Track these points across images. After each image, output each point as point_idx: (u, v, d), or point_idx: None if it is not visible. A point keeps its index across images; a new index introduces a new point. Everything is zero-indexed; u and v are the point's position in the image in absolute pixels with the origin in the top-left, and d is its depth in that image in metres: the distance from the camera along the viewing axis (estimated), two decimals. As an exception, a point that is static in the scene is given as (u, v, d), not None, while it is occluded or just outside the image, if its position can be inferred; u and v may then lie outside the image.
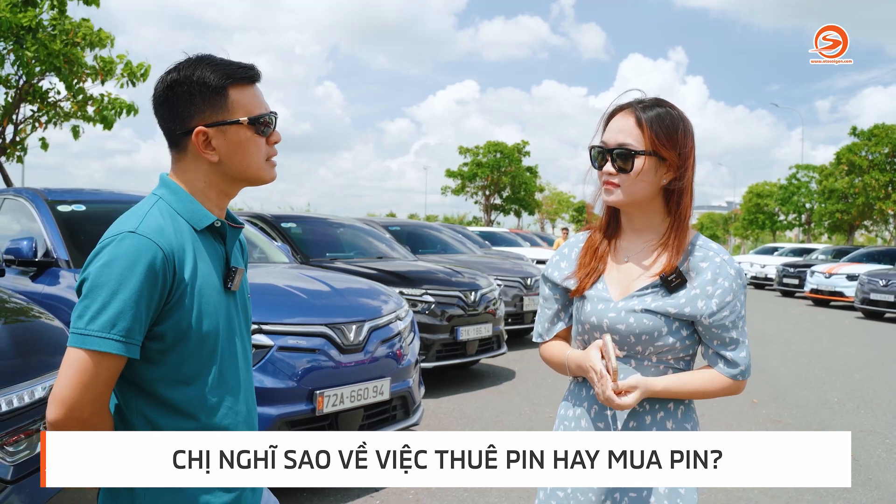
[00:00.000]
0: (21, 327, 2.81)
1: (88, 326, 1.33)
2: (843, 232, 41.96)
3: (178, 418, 1.43)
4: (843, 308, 18.86)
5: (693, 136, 1.77)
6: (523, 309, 9.69)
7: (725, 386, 1.79)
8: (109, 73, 13.07)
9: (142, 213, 1.44)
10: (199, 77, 1.46)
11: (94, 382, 1.34)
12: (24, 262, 4.62)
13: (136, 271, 1.34)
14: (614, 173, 1.74)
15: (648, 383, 1.71)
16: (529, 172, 52.38)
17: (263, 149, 1.52)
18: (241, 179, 1.53)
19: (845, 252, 22.90)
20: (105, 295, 1.33)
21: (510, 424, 5.93)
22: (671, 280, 1.73)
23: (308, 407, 3.91)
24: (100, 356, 1.33)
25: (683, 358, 1.80)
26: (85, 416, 1.36)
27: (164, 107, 1.50)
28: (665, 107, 1.75)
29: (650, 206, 1.78)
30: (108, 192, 5.95)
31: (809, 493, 4.55)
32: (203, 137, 1.47)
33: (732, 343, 1.76)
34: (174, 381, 1.43)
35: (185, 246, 1.44)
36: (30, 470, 2.19)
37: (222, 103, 1.47)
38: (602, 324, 1.78)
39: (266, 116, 1.51)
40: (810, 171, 45.62)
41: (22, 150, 14.02)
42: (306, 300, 4.43)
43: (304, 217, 8.93)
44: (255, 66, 1.53)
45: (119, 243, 1.36)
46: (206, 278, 1.47)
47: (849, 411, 6.88)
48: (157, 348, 1.41)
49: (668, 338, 1.73)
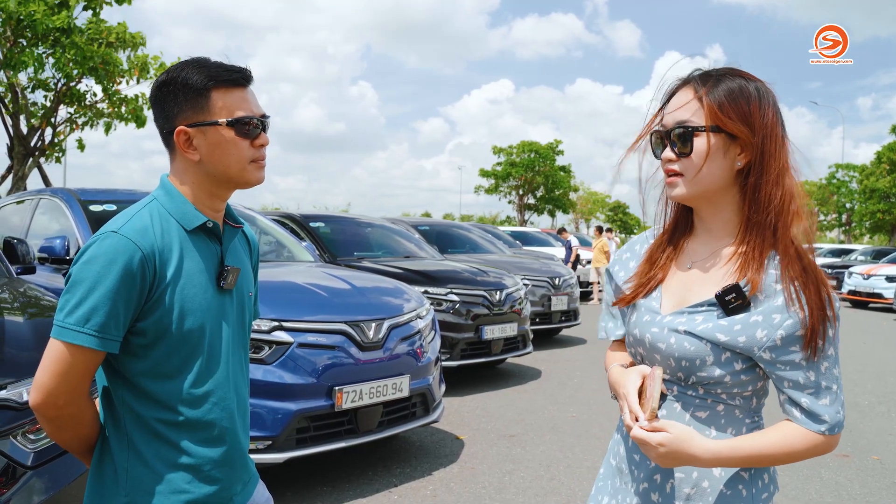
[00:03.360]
0: (45, 322, 2.92)
1: (66, 319, 1.39)
2: (884, 232, 41.14)
3: (159, 410, 1.49)
4: (882, 310, 18.49)
5: (776, 109, 1.44)
6: (551, 309, 9.69)
7: (812, 444, 1.39)
8: (143, 71, 13.36)
9: (130, 214, 1.50)
10: (183, 78, 1.51)
11: (69, 373, 1.40)
12: (56, 259, 4.78)
13: (112, 270, 1.39)
14: (674, 159, 1.45)
15: (690, 445, 1.35)
16: (563, 172, 52.15)
17: (247, 151, 1.54)
18: (223, 180, 1.56)
19: (885, 253, 22.45)
20: (82, 291, 1.39)
21: (532, 424, 5.95)
22: (729, 300, 1.39)
23: (327, 402, 3.98)
24: (74, 348, 1.39)
25: (740, 394, 1.44)
26: (61, 404, 1.43)
27: (155, 107, 1.57)
28: (735, 76, 1.44)
29: (724, 201, 1.47)
30: (140, 192, 6.09)
31: (830, 496, 4.51)
32: (185, 137, 1.52)
33: (811, 387, 1.37)
34: (157, 375, 1.48)
35: (172, 246, 1.49)
36: (50, 456, 2.29)
37: (203, 104, 1.51)
38: (644, 339, 1.51)
39: (249, 119, 1.53)
40: (850, 171, 44.79)
41: (60, 151, 14.39)
42: (327, 298, 4.50)
43: (333, 217, 9.03)
44: (245, 69, 1.56)
45: (101, 243, 1.43)
46: (193, 277, 1.51)
47: (879, 415, 6.77)
48: (140, 343, 1.47)
49: (713, 369, 1.40)
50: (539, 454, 5.13)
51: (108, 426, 1.52)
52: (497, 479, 4.55)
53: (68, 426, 1.49)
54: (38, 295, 3.42)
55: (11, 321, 2.80)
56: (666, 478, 1.47)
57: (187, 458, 1.51)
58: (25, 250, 4.19)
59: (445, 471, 4.68)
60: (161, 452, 1.49)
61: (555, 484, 4.52)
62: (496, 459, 4.96)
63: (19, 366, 2.46)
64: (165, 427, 1.49)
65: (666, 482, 1.47)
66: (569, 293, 10.04)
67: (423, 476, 4.55)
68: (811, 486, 4.64)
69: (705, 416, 1.45)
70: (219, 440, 1.55)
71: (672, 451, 1.34)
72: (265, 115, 1.59)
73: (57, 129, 14.14)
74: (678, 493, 1.45)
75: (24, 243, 4.24)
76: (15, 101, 14.35)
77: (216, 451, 1.55)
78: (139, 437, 1.48)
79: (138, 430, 1.49)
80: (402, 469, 4.67)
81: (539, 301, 9.50)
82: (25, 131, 14.68)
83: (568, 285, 10.10)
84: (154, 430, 1.49)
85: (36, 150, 14.46)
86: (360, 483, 4.36)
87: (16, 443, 2.25)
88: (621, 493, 1.58)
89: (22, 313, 2.96)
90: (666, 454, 1.35)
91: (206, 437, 1.53)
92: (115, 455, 1.49)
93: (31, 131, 14.39)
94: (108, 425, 1.52)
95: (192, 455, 1.51)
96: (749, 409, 1.46)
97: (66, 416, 1.46)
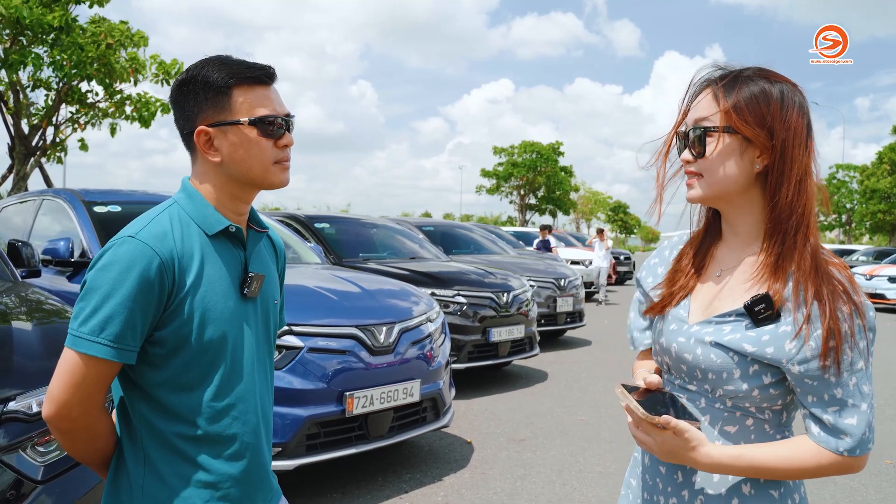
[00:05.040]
0: (54, 329, 2.85)
1: (80, 328, 1.32)
2: (884, 233, 41.12)
3: (178, 423, 1.42)
4: (885, 311, 18.44)
5: (802, 111, 1.38)
6: (556, 310, 9.63)
7: (827, 463, 1.31)
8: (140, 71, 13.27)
9: (149, 218, 1.43)
10: (203, 76, 1.44)
11: (83, 384, 1.34)
12: (60, 262, 4.69)
13: (129, 277, 1.33)
14: (692, 160, 1.41)
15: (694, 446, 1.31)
16: (564, 172, 52.14)
17: (270, 151, 1.47)
18: (246, 182, 1.49)
19: (887, 253, 22.40)
20: (98, 299, 1.32)
21: (541, 427, 5.89)
22: (759, 311, 1.33)
23: (338, 408, 3.91)
24: (88, 359, 1.32)
25: (770, 408, 1.38)
26: (74, 416, 1.36)
27: (176, 106, 1.50)
28: (760, 77, 1.39)
29: (745, 203, 1.42)
30: (143, 192, 6.01)
31: (846, 501, 4.44)
32: (205, 137, 1.45)
33: (836, 403, 1.29)
34: (176, 387, 1.41)
35: (193, 252, 1.42)
36: (60, 470, 2.21)
37: (225, 103, 1.44)
38: (671, 348, 1.46)
39: (273, 118, 1.46)
40: (851, 171, 44.76)
41: (62, 151, 14.30)
42: (336, 301, 4.43)
43: (338, 217, 8.96)
44: (268, 66, 1.49)
45: (117, 248, 1.36)
46: (215, 284, 1.44)
47: (889, 417, 6.71)
48: (159, 353, 1.40)
49: (740, 383, 1.35)
50: (550, 459, 5.06)
51: (124, 440, 1.45)
52: (509, 485, 4.48)
53: (82, 439, 1.42)
54: (45, 300, 3.34)
55: (19, 329, 2.72)
56: (695, 495, 1.42)
57: (206, 474, 1.44)
58: (30, 253, 4.11)
59: (456, 476, 4.61)
60: (178, 468, 1.42)
61: (567, 490, 4.46)
62: (507, 464, 4.89)
63: (28, 376, 2.38)
64: (184, 442, 1.42)
65: (695, 499, 1.42)
66: (574, 294, 9.98)
67: (433, 482, 4.48)
68: (826, 492, 4.58)
69: (734, 430, 1.39)
70: (240, 456, 1.48)
71: (671, 451, 1.32)
72: (290, 114, 1.52)
73: (59, 128, 14.08)
74: None
75: (28, 246, 4.16)
76: (16, 100, 14.30)
77: (237, 468, 1.48)
78: (156, 451, 1.42)
79: (155, 445, 1.42)
80: (412, 475, 4.60)
81: (544, 302, 9.44)
82: (27, 131, 14.62)
83: (573, 286, 10.04)
84: (172, 444, 1.42)
85: (37, 149, 14.40)
86: (371, 489, 4.29)
87: (25, 456, 2.17)
88: (646, 490, 1.53)
89: (29, 320, 2.89)
90: (667, 453, 1.33)
91: (226, 453, 1.46)
92: (130, 470, 1.42)
93: (33, 131, 14.33)
94: (124, 439, 1.45)
95: (211, 472, 1.44)
96: (779, 424, 1.40)
97: (81, 429, 1.40)
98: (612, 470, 4.85)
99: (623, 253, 24.97)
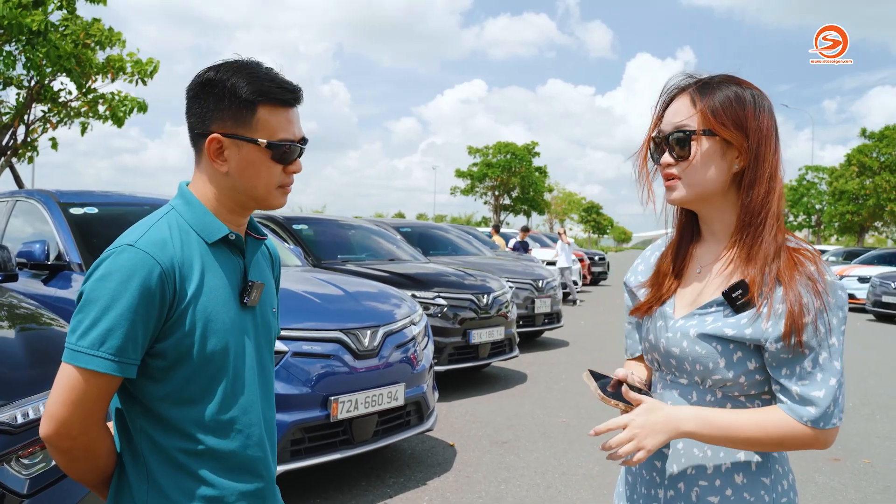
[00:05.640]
0: (35, 336, 2.77)
1: (79, 342, 1.28)
2: (853, 233, 41.80)
3: (180, 439, 1.38)
4: (855, 311, 18.72)
5: (770, 115, 1.46)
6: (534, 311, 9.64)
7: (792, 432, 1.37)
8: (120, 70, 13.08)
9: (147, 225, 1.39)
10: (232, 84, 1.40)
11: (83, 400, 1.29)
12: (36, 265, 4.59)
13: (129, 287, 1.28)
14: (672, 163, 1.47)
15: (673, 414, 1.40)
16: (539, 173, 52.33)
17: (277, 176, 1.45)
18: (247, 198, 1.46)
19: (856, 254, 22.76)
20: (97, 311, 1.28)
21: (523, 429, 5.88)
22: (736, 297, 1.41)
23: (322, 413, 3.87)
24: (88, 374, 1.28)
25: (759, 395, 1.45)
26: (75, 434, 1.31)
27: (194, 102, 1.45)
28: (731, 83, 1.47)
29: (723, 203, 1.49)
30: (118, 193, 5.90)
31: (827, 501, 4.49)
32: (217, 145, 1.41)
33: (806, 376, 1.36)
34: (178, 400, 1.37)
35: (193, 260, 1.38)
36: (45, 483, 2.15)
37: (247, 118, 1.40)
38: (659, 345, 1.53)
39: (289, 145, 1.43)
40: (820, 172, 45.43)
41: (33, 151, 14.04)
42: (320, 304, 4.38)
43: (316, 219, 8.89)
44: (298, 88, 1.45)
45: (116, 257, 1.31)
46: (215, 294, 1.40)
47: (864, 417, 6.80)
48: (160, 366, 1.36)
49: (726, 371, 1.42)
50: (533, 461, 5.05)
51: (126, 457, 1.40)
52: (493, 488, 4.47)
53: (83, 458, 1.37)
54: (25, 306, 3.25)
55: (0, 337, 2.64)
56: (690, 486, 1.47)
57: (211, 489, 1.40)
58: (7, 257, 4.00)
59: (440, 480, 4.59)
60: (183, 484, 1.38)
61: (552, 492, 4.45)
62: (490, 467, 4.88)
63: (12, 386, 2.30)
64: (187, 457, 1.38)
65: (691, 490, 1.47)
66: (552, 295, 10.00)
67: (417, 486, 4.45)
68: (808, 492, 4.62)
69: None
70: (245, 469, 1.45)
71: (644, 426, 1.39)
72: (305, 138, 1.48)
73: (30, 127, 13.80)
74: (703, 502, 1.46)
75: (4, 249, 4.05)
76: (-15, 98, 14.01)
77: (242, 482, 1.44)
78: (159, 468, 1.37)
79: (157, 461, 1.37)
80: (396, 479, 4.56)
81: (522, 304, 9.44)
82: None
83: (551, 287, 10.05)
84: (175, 460, 1.37)
85: (8, 149, 14.11)
86: (355, 494, 4.25)
87: (9, 469, 2.10)
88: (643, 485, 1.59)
89: (10, 327, 2.80)
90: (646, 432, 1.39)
91: (231, 467, 1.42)
92: (133, 488, 1.37)
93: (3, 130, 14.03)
94: (126, 456, 1.40)
95: (216, 487, 1.40)
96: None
97: (81, 448, 1.34)
98: (596, 472, 4.86)
99: (597, 253, 25.10)
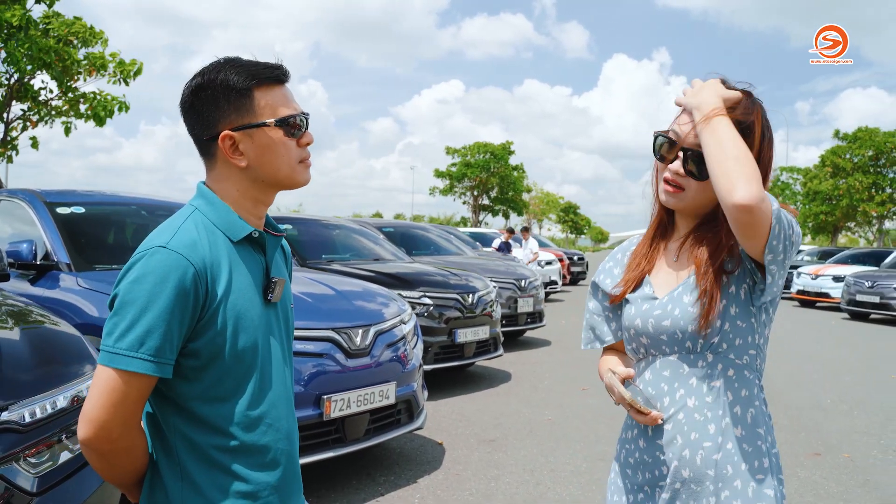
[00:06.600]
0: (39, 335, 2.77)
1: (117, 345, 1.29)
2: (826, 233, 42.34)
3: (214, 435, 1.40)
4: (830, 309, 19.01)
5: (770, 142, 1.57)
6: (517, 311, 9.69)
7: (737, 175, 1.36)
8: (102, 68, 12.95)
9: (175, 227, 1.40)
10: (222, 80, 1.42)
11: (123, 402, 1.31)
12: (24, 265, 4.55)
13: (165, 288, 1.30)
14: (683, 175, 1.52)
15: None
16: (517, 171, 52.46)
17: (294, 151, 1.47)
18: (273, 184, 1.48)
19: (831, 253, 23.08)
20: (134, 312, 1.30)
21: (510, 427, 5.93)
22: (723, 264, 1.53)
23: (315, 412, 3.89)
24: (128, 375, 1.30)
25: (746, 351, 1.55)
26: (115, 436, 1.33)
27: (191, 113, 1.46)
28: (756, 106, 1.53)
29: (710, 210, 1.58)
30: (101, 193, 5.87)
31: (810, 495, 4.58)
32: (230, 142, 1.43)
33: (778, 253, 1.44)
34: (211, 399, 1.40)
35: (221, 260, 1.41)
36: (53, 482, 2.16)
37: (248, 105, 1.43)
38: (647, 326, 1.59)
39: (296, 117, 1.46)
40: (794, 173, 46.00)
41: (13, 150, 13.86)
42: (311, 304, 4.40)
43: (300, 218, 8.87)
44: (282, 65, 1.48)
45: (149, 259, 1.33)
46: (244, 292, 1.43)
47: (842, 413, 6.93)
48: (193, 365, 1.38)
49: (715, 321, 1.50)
50: (521, 459, 5.11)
51: (159, 456, 1.42)
52: (483, 485, 4.52)
53: (121, 460, 1.39)
54: (21, 305, 3.25)
55: (3, 337, 2.62)
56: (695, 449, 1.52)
57: (244, 484, 1.43)
58: None
59: (430, 478, 4.62)
60: (217, 480, 1.40)
61: (542, 489, 4.50)
62: (479, 465, 4.92)
63: (19, 385, 2.31)
64: (221, 453, 1.41)
65: (696, 454, 1.52)
66: (534, 295, 10.07)
67: (408, 484, 4.49)
68: (790, 486, 4.71)
69: (719, 384, 1.53)
70: (276, 464, 1.48)
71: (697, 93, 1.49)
72: (306, 112, 1.51)
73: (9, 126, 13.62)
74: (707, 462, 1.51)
75: (-5, 249, 4.02)
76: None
77: (274, 476, 1.47)
78: (193, 465, 1.39)
79: (192, 458, 1.40)
80: (387, 477, 4.60)
81: (505, 303, 9.49)
82: (-24, 128, 14.14)
83: (533, 287, 10.12)
84: (209, 456, 1.40)
85: (-13, 147, 13.96)
86: (346, 492, 4.28)
87: (18, 468, 2.11)
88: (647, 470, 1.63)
89: (12, 327, 2.79)
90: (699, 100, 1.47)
91: (262, 462, 1.45)
92: (167, 486, 1.40)
93: (-18, 128, 13.88)
94: (159, 455, 1.42)
95: (249, 481, 1.43)
96: (755, 369, 1.57)
97: (121, 450, 1.36)
98: (584, 468, 4.92)
99: (576, 253, 25.23)
